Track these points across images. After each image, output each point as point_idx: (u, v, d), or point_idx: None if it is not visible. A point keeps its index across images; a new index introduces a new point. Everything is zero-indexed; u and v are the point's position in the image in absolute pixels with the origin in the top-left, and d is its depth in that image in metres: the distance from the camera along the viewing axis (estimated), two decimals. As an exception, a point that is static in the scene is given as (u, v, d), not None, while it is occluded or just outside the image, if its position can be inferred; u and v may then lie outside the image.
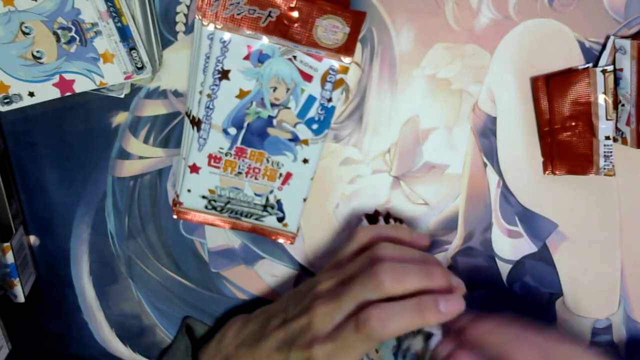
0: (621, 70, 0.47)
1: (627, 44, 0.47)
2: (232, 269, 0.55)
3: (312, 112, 0.47)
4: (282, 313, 0.46)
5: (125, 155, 0.52)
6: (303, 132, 0.47)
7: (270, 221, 0.50)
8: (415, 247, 0.46)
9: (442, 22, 0.49)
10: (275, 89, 0.46)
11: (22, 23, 0.45)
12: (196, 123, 0.47)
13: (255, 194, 0.49)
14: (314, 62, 0.45)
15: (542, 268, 0.54)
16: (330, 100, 0.47)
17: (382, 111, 0.51)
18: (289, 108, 0.47)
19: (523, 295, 0.55)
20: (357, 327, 0.40)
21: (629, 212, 0.53)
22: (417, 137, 0.51)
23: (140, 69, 0.47)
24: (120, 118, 0.51)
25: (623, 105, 0.48)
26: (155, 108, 0.51)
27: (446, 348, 0.42)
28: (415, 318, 0.40)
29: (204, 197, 0.49)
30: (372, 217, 0.53)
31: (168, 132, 0.52)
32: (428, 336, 0.43)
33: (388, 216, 0.53)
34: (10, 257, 0.51)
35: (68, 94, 0.47)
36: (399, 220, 0.53)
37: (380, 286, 0.41)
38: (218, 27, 0.44)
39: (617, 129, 0.49)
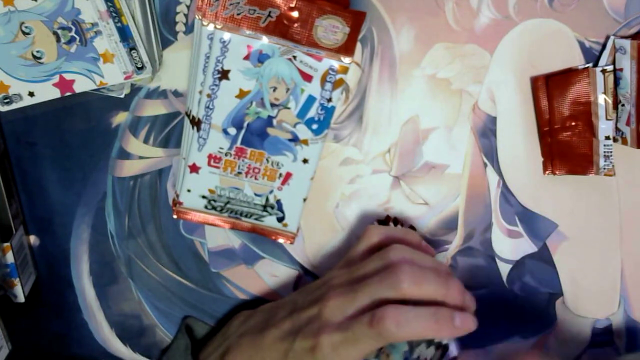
0: (621, 70, 0.47)
1: (627, 44, 0.47)
2: (232, 269, 0.55)
3: (312, 112, 0.47)
4: (290, 305, 0.46)
5: (125, 155, 0.52)
6: (303, 132, 0.47)
7: (270, 221, 0.50)
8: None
9: (442, 22, 0.49)
10: (275, 89, 0.46)
11: (22, 23, 0.45)
12: (196, 123, 0.47)
13: (255, 194, 0.49)
14: (314, 62, 0.45)
15: (542, 268, 0.54)
16: (330, 100, 0.47)
17: (382, 111, 0.51)
18: (288, 108, 0.47)
19: (523, 295, 0.55)
20: (371, 322, 0.40)
21: (629, 212, 0.52)
22: (417, 137, 0.51)
23: (140, 69, 0.47)
24: (120, 118, 0.51)
25: (623, 105, 0.48)
26: (155, 108, 0.51)
27: None
28: (430, 326, 0.40)
29: (204, 197, 0.49)
30: (383, 222, 0.53)
31: (168, 132, 0.52)
32: (442, 348, 0.43)
33: (396, 221, 0.53)
34: (10, 257, 0.51)
35: (68, 94, 0.47)
36: (410, 227, 0.53)
37: (398, 286, 0.41)
38: (218, 27, 0.44)
39: (617, 129, 0.49)
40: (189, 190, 0.49)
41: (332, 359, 0.41)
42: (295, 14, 0.44)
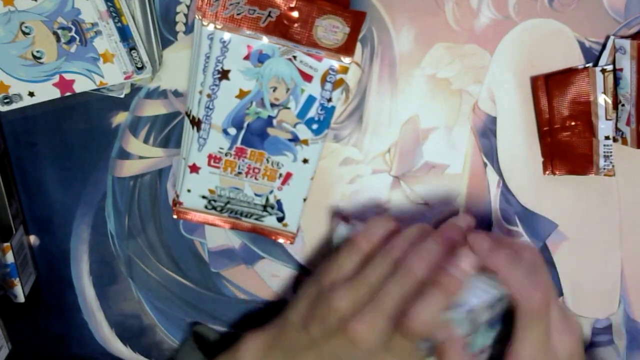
0: (621, 70, 0.47)
1: (627, 44, 0.47)
2: (232, 269, 0.55)
3: (312, 112, 0.47)
4: (304, 335, 0.43)
5: (125, 155, 0.52)
6: (303, 132, 0.47)
7: (270, 221, 0.50)
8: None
9: (442, 22, 0.49)
10: (275, 89, 0.46)
11: (22, 23, 0.45)
12: (196, 123, 0.47)
13: (255, 194, 0.49)
14: (314, 62, 0.45)
15: (542, 268, 0.54)
16: (330, 100, 0.47)
17: (382, 111, 0.51)
18: (288, 108, 0.47)
19: (523, 295, 0.55)
20: (402, 332, 0.39)
21: (629, 212, 0.52)
22: (417, 137, 0.51)
23: (140, 69, 0.47)
24: (120, 118, 0.51)
25: (623, 105, 0.48)
26: (155, 108, 0.51)
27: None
28: (441, 299, 0.39)
29: (204, 197, 0.49)
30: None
31: (168, 132, 0.52)
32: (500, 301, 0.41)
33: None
34: (10, 257, 0.51)
35: (68, 94, 0.47)
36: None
37: (411, 273, 0.40)
38: (218, 27, 0.44)
39: (617, 129, 0.49)
40: (189, 190, 0.49)
41: None
42: (295, 14, 0.44)
